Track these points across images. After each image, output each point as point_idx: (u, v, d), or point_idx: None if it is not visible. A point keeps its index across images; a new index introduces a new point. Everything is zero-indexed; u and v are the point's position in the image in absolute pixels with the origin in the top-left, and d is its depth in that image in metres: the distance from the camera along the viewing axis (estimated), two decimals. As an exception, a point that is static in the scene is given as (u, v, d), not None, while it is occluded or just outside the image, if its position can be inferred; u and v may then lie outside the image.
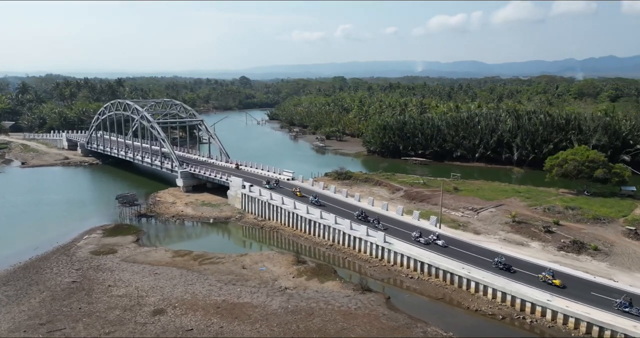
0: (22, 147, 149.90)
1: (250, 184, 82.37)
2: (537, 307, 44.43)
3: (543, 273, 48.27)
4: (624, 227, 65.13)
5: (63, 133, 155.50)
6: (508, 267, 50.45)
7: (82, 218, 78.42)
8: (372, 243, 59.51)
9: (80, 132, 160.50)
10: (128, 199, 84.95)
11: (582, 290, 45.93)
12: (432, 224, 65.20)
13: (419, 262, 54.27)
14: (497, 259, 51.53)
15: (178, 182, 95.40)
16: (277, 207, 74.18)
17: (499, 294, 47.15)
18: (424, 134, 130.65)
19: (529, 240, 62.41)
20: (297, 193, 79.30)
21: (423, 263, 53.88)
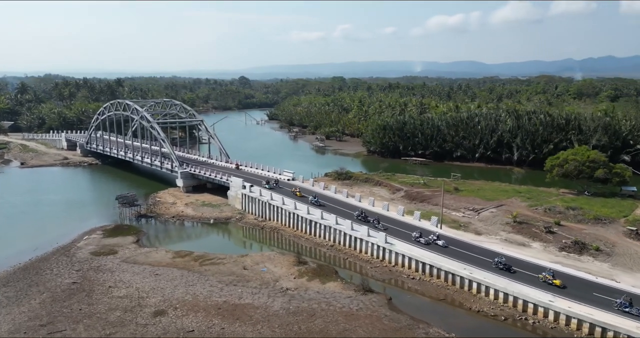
0: (21, 147, 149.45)
1: (251, 184, 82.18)
2: (539, 307, 44.32)
3: (543, 273, 48.22)
4: (625, 227, 65.12)
5: (62, 133, 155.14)
6: (508, 267, 50.39)
7: (81, 218, 78.18)
8: (373, 243, 59.39)
9: (80, 132, 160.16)
10: (128, 200, 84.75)
11: (583, 291, 45.85)
12: (433, 225, 65.06)
13: (421, 262, 54.15)
14: (497, 259, 51.46)
15: (178, 182, 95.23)
16: (277, 207, 74.02)
17: (501, 295, 47.06)
18: (424, 134, 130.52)
19: (530, 241, 62.34)
20: (297, 193, 79.16)
21: (424, 263, 53.76)
